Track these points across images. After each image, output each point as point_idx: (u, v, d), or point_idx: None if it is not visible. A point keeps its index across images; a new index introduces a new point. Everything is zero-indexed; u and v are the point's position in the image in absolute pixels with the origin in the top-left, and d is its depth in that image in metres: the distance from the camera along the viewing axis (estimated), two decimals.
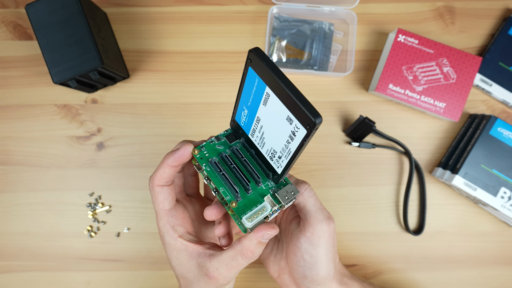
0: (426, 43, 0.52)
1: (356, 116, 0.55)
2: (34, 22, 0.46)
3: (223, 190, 0.31)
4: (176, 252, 0.33)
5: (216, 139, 0.33)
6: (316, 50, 0.55)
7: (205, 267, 0.32)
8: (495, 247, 0.53)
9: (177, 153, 0.31)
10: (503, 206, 0.50)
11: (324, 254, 0.34)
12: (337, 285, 0.38)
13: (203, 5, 0.57)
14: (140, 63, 0.56)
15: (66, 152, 0.54)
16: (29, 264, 0.53)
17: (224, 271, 0.31)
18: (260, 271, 0.53)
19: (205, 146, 0.32)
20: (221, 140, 0.33)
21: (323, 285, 0.36)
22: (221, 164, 0.32)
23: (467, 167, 0.50)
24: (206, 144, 0.32)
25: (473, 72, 0.52)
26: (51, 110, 0.55)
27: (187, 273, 0.33)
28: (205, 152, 0.32)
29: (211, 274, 0.31)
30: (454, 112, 0.52)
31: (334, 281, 0.37)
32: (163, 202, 0.32)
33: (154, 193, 0.32)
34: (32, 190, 0.54)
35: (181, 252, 0.32)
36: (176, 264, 0.33)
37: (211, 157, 0.32)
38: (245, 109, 0.30)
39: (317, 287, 0.36)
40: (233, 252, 0.31)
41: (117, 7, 0.57)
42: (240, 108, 0.30)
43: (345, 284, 0.38)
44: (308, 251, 0.34)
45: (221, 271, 0.31)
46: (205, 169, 0.31)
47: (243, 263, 0.31)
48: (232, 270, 0.31)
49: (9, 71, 0.55)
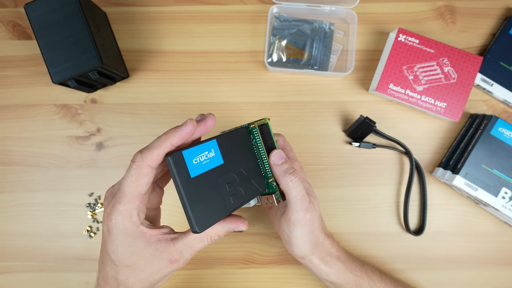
0: (426, 42, 0.52)
1: (357, 116, 0.55)
2: (33, 22, 0.46)
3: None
4: (133, 238, 0.31)
5: None
6: (316, 49, 0.55)
7: (166, 252, 0.32)
8: (496, 247, 0.53)
9: (184, 129, 0.30)
10: (504, 207, 0.49)
11: (298, 238, 0.39)
12: (318, 261, 0.42)
13: (203, 5, 0.57)
14: (139, 63, 0.56)
15: (66, 152, 0.54)
16: (28, 264, 0.53)
17: (188, 253, 0.32)
18: (260, 271, 0.53)
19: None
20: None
21: (302, 258, 0.42)
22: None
23: (468, 167, 0.50)
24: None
25: (474, 72, 0.51)
26: (50, 110, 0.55)
27: (137, 260, 0.32)
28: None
29: (174, 258, 0.32)
30: (455, 112, 0.52)
31: (314, 257, 0.41)
32: (143, 185, 0.31)
33: (139, 173, 0.30)
34: (31, 190, 0.54)
35: (138, 238, 0.31)
36: (126, 252, 0.32)
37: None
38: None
39: (297, 258, 0.42)
40: (202, 234, 0.32)
41: (116, 7, 0.56)
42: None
43: (327, 262, 0.42)
44: (285, 231, 0.40)
45: (185, 253, 0.32)
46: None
47: (206, 245, 0.33)
48: (194, 252, 0.33)
49: (8, 71, 0.55)
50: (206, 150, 0.32)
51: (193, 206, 0.30)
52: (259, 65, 0.56)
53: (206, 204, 0.31)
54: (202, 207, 0.31)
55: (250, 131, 0.38)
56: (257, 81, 0.56)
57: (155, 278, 0.33)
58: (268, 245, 0.53)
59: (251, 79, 0.56)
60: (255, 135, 0.38)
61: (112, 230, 0.31)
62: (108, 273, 0.33)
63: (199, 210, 0.31)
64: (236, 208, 0.34)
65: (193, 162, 0.31)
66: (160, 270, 0.33)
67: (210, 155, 0.33)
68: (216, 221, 0.32)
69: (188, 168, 0.31)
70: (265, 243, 0.54)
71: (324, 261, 0.42)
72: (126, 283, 0.33)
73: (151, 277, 0.33)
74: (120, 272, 0.32)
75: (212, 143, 0.33)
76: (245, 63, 0.56)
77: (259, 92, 0.55)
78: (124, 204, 0.31)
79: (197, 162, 0.31)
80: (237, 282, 0.53)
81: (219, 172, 0.33)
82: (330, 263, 0.42)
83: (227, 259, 0.53)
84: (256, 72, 0.56)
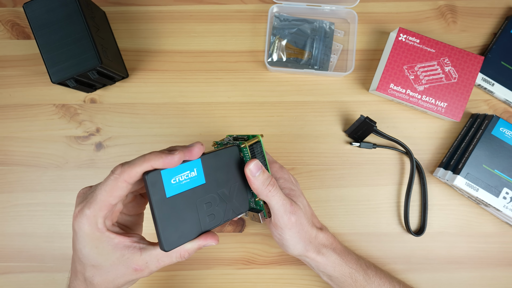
0: (427, 42, 0.51)
1: (357, 116, 0.55)
2: (32, 21, 0.46)
3: None
4: (97, 243, 0.32)
5: (225, 145, 0.39)
6: (317, 49, 0.54)
7: (132, 260, 0.32)
8: (497, 248, 0.53)
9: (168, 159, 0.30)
10: (505, 207, 0.49)
11: (289, 240, 0.41)
12: (315, 255, 0.43)
13: (203, 4, 0.56)
14: (139, 63, 0.55)
15: (65, 152, 0.54)
16: (27, 265, 0.53)
17: (154, 265, 0.33)
18: (260, 271, 0.53)
19: (219, 145, 0.41)
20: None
21: (299, 256, 0.43)
22: None
23: (469, 168, 0.50)
24: (220, 143, 0.41)
25: (475, 72, 0.51)
26: (49, 110, 0.55)
27: (104, 261, 0.32)
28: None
29: (138, 267, 0.32)
30: (456, 112, 0.51)
31: (311, 252, 0.42)
32: (116, 197, 0.31)
33: (115, 185, 0.31)
34: (30, 190, 0.54)
35: (103, 243, 0.32)
36: (93, 253, 0.32)
37: None
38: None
39: (297, 256, 0.43)
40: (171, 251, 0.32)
41: (116, 6, 0.56)
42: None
43: (323, 254, 0.43)
44: (276, 236, 0.42)
45: (150, 265, 0.32)
46: None
47: (175, 261, 0.33)
48: (161, 265, 0.33)
49: (7, 71, 0.55)
50: (188, 169, 0.33)
51: (163, 225, 0.31)
52: (259, 65, 0.55)
53: (178, 224, 0.32)
54: (174, 227, 0.32)
55: (242, 149, 0.38)
56: (257, 81, 0.55)
57: (120, 281, 0.33)
58: (268, 245, 0.53)
59: (251, 79, 0.55)
60: (245, 153, 0.38)
61: (78, 232, 0.32)
62: (77, 268, 0.34)
63: (170, 229, 0.31)
64: (211, 228, 0.35)
65: (171, 182, 0.31)
66: (124, 276, 0.33)
67: (192, 175, 0.33)
68: (187, 241, 0.33)
69: (164, 187, 0.31)
70: (265, 243, 0.53)
71: (320, 253, 0.43)
72: (92, 280, 0.33)
73: (116, 280, 0.33)
74: (86, 269, 0.33)
75: (196, 162, 0.33)
76: (245, 62, 0.56)
77: (259, 92, 0.55)
78: (92, 210, 0.31)
79: (176, 182, 0.32)
80: (237, 283, 0.53)
81: (198, 192, 0.34)
82: (327, 255, 0.43)
83: (227, 260, 0.53)
84: (256, 72, 0.55)
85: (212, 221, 0.35)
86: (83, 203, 0.32)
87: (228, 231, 0.53)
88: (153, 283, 0.53)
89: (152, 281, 0.53)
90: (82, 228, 0.32)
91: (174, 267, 0.53)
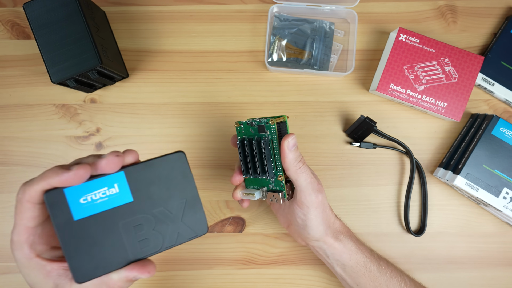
0: (427, 42, 0.51)
1: (357, 116, 0.55)
2: (32, 21, 0.46)
3: (243, 164, 0.42)
4: (29, 270, 0.29)
5: (251, 123, 0.40)
6: (317, 49, 0.54)
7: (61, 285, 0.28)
8: (497, 248, 0.53)
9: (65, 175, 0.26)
10: (505, 207, 0.49)
11: (313, 220, 0.41)
12: (333, 241, 0.43)
13: (203, 4, 0.56)
14: (139, 63, 0.55)
15: (65, 152, 0.54)
16: None
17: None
18: (260, 271, 0.53)
19: (243, 124, 0.41)
20: (254, 126, 0.40)
21: (317, 241, 0.43)
22: (247, 146, 0.41)
23: (469, 168, 0.50)
24: (244, 123, 0.41)
25: (475, 72, 0.51)
26: (49, 110, 0.55)
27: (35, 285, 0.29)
28: (242, 128, 0.42)
29: None
30: (456, 112, 0.51)
31: (329, 237, 0.43)
32: (28, 219, 0.27)
33: (21, 207, 0.27)
34: None
35: (35, 271, 0.28)
36: (30, 280, 0.29)
37: (244, 136, 0.42)
38: None
39: (312, 241, 0.43)
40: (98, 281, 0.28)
41: (116, 6, 0.56)
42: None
43: (341, 241, 0.43)
44: (299, 216, 0.41)
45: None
46: (238, 142, 0.41)
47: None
48: None
49: (7, 71, 0.55)
50: (104, 186, 0.27)
51: (71, 254, 0.27)
52: (259, 65, 0.55)
53: (93, 252, 0.27)
54: (87, 255, 0.27)
55: (268, 126, 0.38)
56: (257, 81, 0.55)
57: None
58: (268, 245, 0.53)
59: (251, 78, 0.55)
60: (272, 131, 0.39)
61: (14, 258, 0.29)
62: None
63: (81, 258, 0.27)
64: (145, 256, 0.29)
65: (81, 202, 0.27)
66: None
67: (111, 192, 0.28)
68: (107, 271, 0.28)
69: (70, 209, 0.27)
70: (265, 243, 0.53)
71: (338, 240, 0.43)
72: None
73: None
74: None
75: (117, 176, 0.27)
76: (245, 62, 0.56)
77: (259, 92, 0.55)
78: (15, 235, 0.28)
79: (88, 202, 0.27)
80: (237, 283, 0.53)
81: (122, 213, 0.28)
82: (344, 242, 0.43)
83: (227, 260, 0.53)
84: (256, 71, 0.55)
85: (145, 248, 0.29)
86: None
87: (228, 231, 0.53)
88: (153, 283, 0.53)
89: (152, 281, 0.53)
90: (15, 255, 0.29)
91: (174, 267, 0.53)
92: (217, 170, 0.54)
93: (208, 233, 0.53)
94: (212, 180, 0.54)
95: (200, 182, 0.54)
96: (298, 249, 0.53)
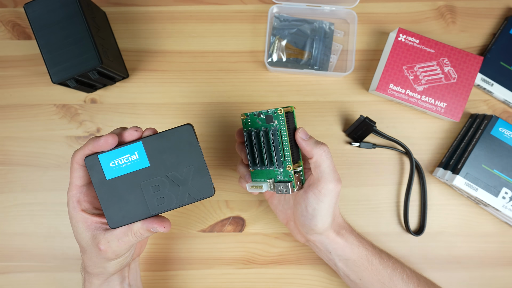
0: (427, 42, 0.52)
1: (357, 116, 0.55)
2: (33, 22, 0.46)
3: (249, 155, 0.42)
4: (75, 222, 0.35)
5: (258, 114, 0.40)
6: (317, 49, 0.55)
7: (98, 239, 0.35)
8: (496, 247, 0.53)
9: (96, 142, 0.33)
10: (504, 207, 0.49)
11: (325, 210, 0.39)
12: (335, 235, 0.42)
13: (203, 5, 0.57)
14: (139, 63, 0.56)
15: (65, 152, 0.54)
16: (28, 264, 0.53)
17: (115, 245, 0.35)
18: (260, 271, 0.53)
19: (250, 116, 0.41)
20: (262, 117, 0.40)
21: (320, 234, 0.42)
22: (254, 137, 0.41)
23: (468, 167, 0.50)
24: (251, 114, 0.41)
25: (474, 72, 0.51)
26: (50, 110, 0.55)
27: (81, 241, 0.36)
28: (248, 120, 0.41)
29: (101, 247, 0.34)
30: (455, 112, 0.52)
31: (331, 231, 0.42)
32: (77, 178, 0.35)
33: (72, 168, 0.35)
34: (30, 190, 0.54)
35: (79, 223, 0.35)
36: (75, 232, 0.36)
37: (250, 128, 0.41)
38: None
39: (314, 235, 0.42)
40: (126, 228, 0.35)
41: (116, 7, 0.56)
42: None
43: (342, 236, 0.43)
44: (312, 204, 0.40)
45: (112, 244, 0.34)
46: (245, 133, 0.41)
47: (132, 240, 0.35)
48: (121, 245, 0.35)
49: (8, 71, 0.55)
50: (127, 153, 0.34)
51: (106, 205, 0.34)
52: (259, 65, 0.56)
53: (122, 205, 0.34)
54: (117, 207, 0.34)
55: (276, 116, 0.39)
56: (257, 81, 0.55)
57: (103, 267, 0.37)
58: (268, 245, 0.53)
59: (251, 79, 0.55)
60: (281, 121, 0.39)
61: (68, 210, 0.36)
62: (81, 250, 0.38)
63: (113, 209, 0.34)
64: (161, 212, 0.35)
65: (110, 165, 0.34)
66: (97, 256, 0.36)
67: (132, 158, 0.34)
68: (132, 221, 0.35)
69: (103, 170, 0.34)
70: (265, 243, 0.53)
71: (340, 235, 0.43)
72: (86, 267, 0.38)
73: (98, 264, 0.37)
74: (82, 256, 0.38)
75: (136, 146, 0.34)
76: (245, 63, 0.56)
77: (259, 92, 0.55)
78: (68, 191, 0.36)
79: (115, 165, 0.34)
80: (237, 282, 0.53)
81: (142, 175, 0.34)
82: (346, 236, 0.43)
83: (227, 259, 0.53)
84: (256, 72, 0.56)
85: (161, 205, 0.35)
86: None
87: (228, 231, 0.54)
88: (153, 282, 0.53)
89: (152, 281, 0.53)
90: (68, 209, 0.36)
91: (174, 266, 0.53)
92: (217, 170, 0.55)
93: (208, 233, 0.53)
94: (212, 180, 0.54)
95: None
96: (298, 249, 0.53)
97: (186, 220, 0.54)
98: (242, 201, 0.54)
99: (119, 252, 0.35)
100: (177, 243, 0.53)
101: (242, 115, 0.42)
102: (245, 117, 0.42)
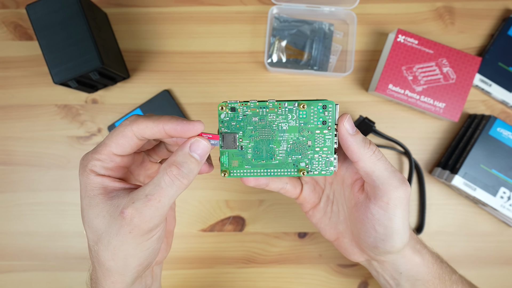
0: (425, 43, 0.52)
1: (356, 116, 0.55)
2: (35, 23, 0.46)
3: None
4: (91, 190, 0.27)
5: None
6: (316, 50, 0.55)
7: (121, 204, 0.26)
8: (494, 247, 0.53)
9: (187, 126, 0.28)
10: (502, 206, 0.50)
11: (400, 225, 0.30)
12: (411, 253, 0.33)
13: (203, 6, 0.57)
14: (140, 63, 0.56)
15: (67, 152, 0.55)
16: (29, 264, 0.53)
17: (141, 204, 0.25)
18: (260, 271, 0.53)
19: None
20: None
21: (394, 254, 0.32)
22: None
23: (466, 167, 0.50)
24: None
25: (473, 72, 0.52)
26: (51, 110, 0.55)
27: (95, 219, 0.26)
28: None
29: (125, 210, 0.25)
30: (454, 112, 0.52)
31: (408, 248, 0.33)
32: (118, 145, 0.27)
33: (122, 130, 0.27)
34: (32, 190, 0.54)
35: (95, 190, 0.27)
36: (86, 213, 0.27)
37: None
38: None
39: (388, 255, 0.32)
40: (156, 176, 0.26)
41: (117, 8, 0.57)
42: None
43: (419, 252, 0.34)
44: (381, 222, 0.29)
45: (138, 205, 0.25)
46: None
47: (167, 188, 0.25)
48: (149, 205, 0.25)
49: (10, 72, 0.55)
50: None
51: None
52: (259, 66, 0.56)
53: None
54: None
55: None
56: (257, 81, 0.56)
57: (124, 253, 0.26)
58: (268, 244, 0.54)
59: (251, 79, 0.56)
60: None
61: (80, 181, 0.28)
62: (89, 242, 0.28)
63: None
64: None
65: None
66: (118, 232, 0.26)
67: None
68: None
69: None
70: (265, 242, 0.54)
71: (416, 252, 0.34)
72: (99, 259, 0.27)
73: (118, 252, 0.26)
74: (89, 237, 0.27)
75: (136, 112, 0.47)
76: (245, 63, 0.56)
77: (259, 92, 0.56)
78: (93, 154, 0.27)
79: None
80: (237, 282, 0.53)
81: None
82: (422, 252, 0.34)
83: (227, 259, 0.54)
84: (256, 72, 0.56)
85: None
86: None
87: (228, 230, 0.54)
88: None
89: None
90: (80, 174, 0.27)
91: (174, 266, 0.53)
92: (218, 170, 0.55)
93: (209, 232, 0.54)
94: (212, 180, 0.55)
95: (200, 182, 0.54)
96: (298, 248, 0.54)
97: (187, 219, 0.54)
98: (242, 200, 0.54)
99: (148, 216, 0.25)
100: (178, 243, 0.54)
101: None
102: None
